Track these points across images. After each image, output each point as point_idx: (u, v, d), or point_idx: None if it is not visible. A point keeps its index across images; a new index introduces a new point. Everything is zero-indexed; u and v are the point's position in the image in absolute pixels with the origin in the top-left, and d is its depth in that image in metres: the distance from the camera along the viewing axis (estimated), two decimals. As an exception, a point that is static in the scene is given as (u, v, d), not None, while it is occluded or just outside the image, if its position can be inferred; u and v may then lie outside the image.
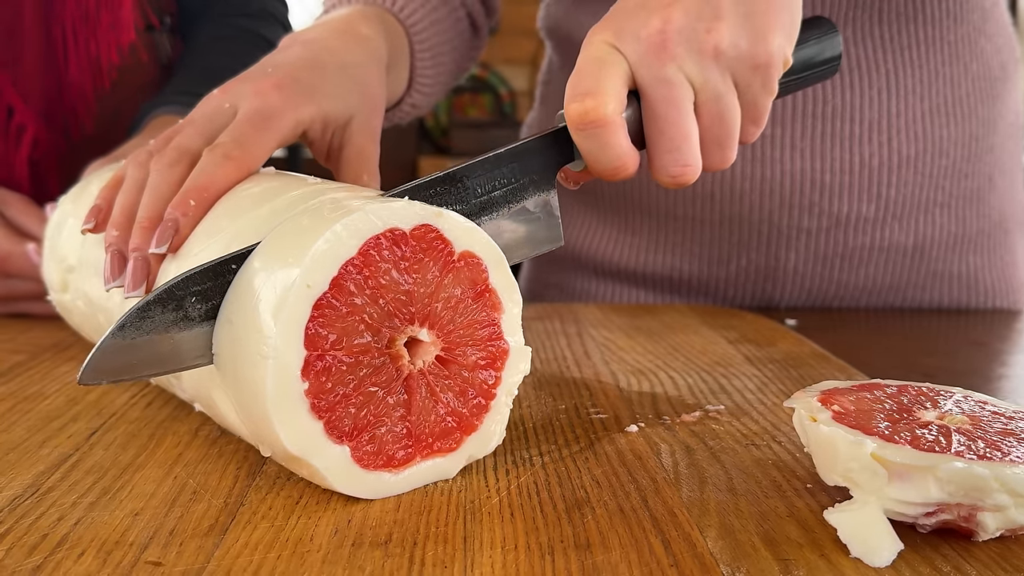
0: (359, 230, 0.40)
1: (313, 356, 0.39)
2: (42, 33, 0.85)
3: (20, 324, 0.75)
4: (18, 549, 0.37)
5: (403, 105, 0.77)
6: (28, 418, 0.52)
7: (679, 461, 0.46)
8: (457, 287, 0.43)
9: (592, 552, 0.36)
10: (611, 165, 0.51)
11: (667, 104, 0.50)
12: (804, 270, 0.87)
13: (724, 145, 0.53)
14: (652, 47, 0.50)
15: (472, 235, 0.43)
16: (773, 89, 0.53)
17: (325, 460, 0.40)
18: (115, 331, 0.40)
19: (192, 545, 0.37)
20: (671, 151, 0.51)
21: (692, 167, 0.52)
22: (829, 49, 0.59)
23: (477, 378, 0.44)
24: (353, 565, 0.35)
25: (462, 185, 0.49)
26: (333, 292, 0.39)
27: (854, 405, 0.41)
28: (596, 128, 0.49)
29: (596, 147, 0.50)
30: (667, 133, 0.51)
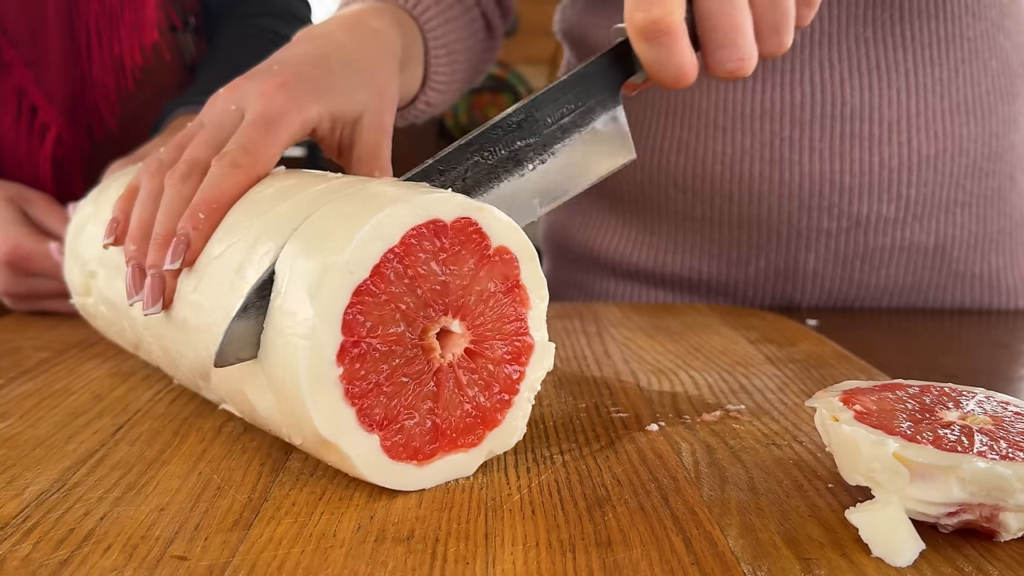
0: (402, 219, 0.40)
1: (349, 342, 0.40)
2: (66, 33, 0.86)
3: (45, 322, 0.76)
4: (45, 543, 0.37)
5: (417, 103, 0.77)
6: (54, 414, 0.53)
7: (700, 460, 0.46)
8: (490, 281, 0.43)
9: (613, 550, 0.37)
10: (675, 72, 0.51)
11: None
12: (824, 271, 0.87)
13: (780, 30, 0.53)
14: None
15: (509, 230, 0.44)
16: None
17: (356, 447, 0.40)
18: (241, 312, 0.41)
19: (217, 540, 0.37)
20: (726, 45, 0.51)
21: (748, 59, 0.52)
22: None
23: (502, 372, 0.44)
24: (376, 560, 0.36)
25: (532, 119, 0.49)
26: (373, 279, 0.40)
27: (876, 405, 0.41)
28: (664, 36, 0.49)
29: (663, 55, 0.50)
30: (721, 27, 0.51)
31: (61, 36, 0.86)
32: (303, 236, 0.42)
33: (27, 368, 0.62)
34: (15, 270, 0.77)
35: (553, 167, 0.51)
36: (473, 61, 0.83)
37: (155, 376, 0.60)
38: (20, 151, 0.89)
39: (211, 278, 0.45)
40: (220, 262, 0.45)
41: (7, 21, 0.84)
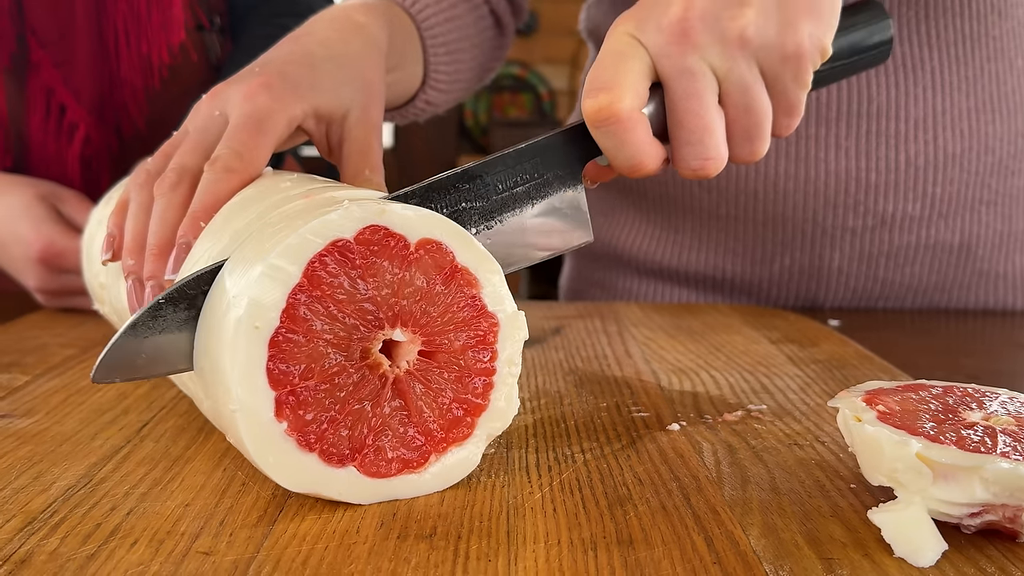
0: (298, 254, 0.39)
1: (283, 394, 0.38)
2: (94, 33, 0.87)
3: (70, 319, 0.77)
4: (72, 538, 0.38)
5: (417, 102, 0.76)
6: (80, 411, 0.53)
7: (721, 460, 0.46)
8: (421, 277, 0.41)
9: (635, 548, 0.37)
10: (629, 162, 0.49)
11: (688, 96, 0.49)
12: (849, 269, 0.86)
13: (753, 137, 0.51)
14: (673, 36, 0.48)
15: (424, 221, 0.41)
16: (805, 82, 0.50)
17: (335, 486, 0.40)
18: (127, 330, 0.40)
19: (242, 535, 0.38)
20: (692, 144, 0.49)
21: (713, 160, 0.50)
22: (878, 33, 0.56)
23: (471, 359, 0.43)
24: (399, 557, 0.36)
25: (481, 181, 0.48)
26: (287, 325, 0.38)
27: (899, 405, 0.41)
28: (612, 124, 0.48)
29: (614, 143, 0.49)
30: (687, 125, 0.49)
31: (89, 36, 0.87)
32: (215, 289, 0.41)
33: (53, 365, 0.63)
34: (48, 267, 0.78)
35: (498, 235, 0.49)
36: (481, 59, 0.82)
37: (179, 373, 0.60)
38: (48, 150, 0.90)
39: None
40: (201, 263, 0.45)
41: (36, 21, 0.85)
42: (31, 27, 0.85)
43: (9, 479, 0.44)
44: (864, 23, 0.55)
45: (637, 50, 0.49)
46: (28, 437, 0.49)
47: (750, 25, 0.48)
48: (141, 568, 0.35)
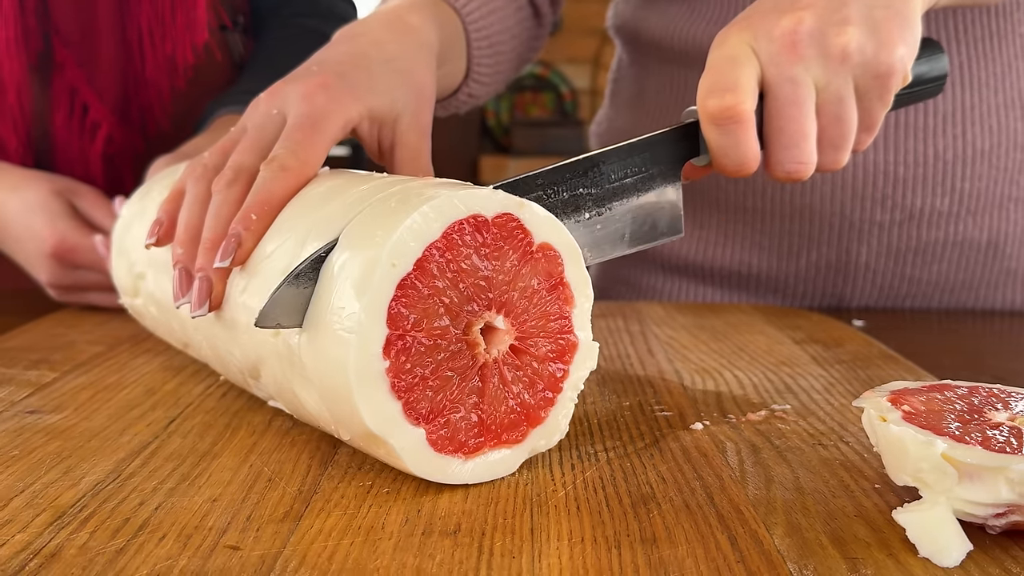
0: (444, 213, 0.41)
1: (394, 335, 0.40)
2: (117, 33, 0.88)
3: (97, 317, 0.78)
4: (102, 532, 0.38)
5: (460, 95, 0.77)
6: (108, 407, 0.54)
7: (745, 459, 0.46)
8: (534, 278, 0.44)
9: (658, 546, 0.37)
10: (739, 161, 0.53)
11: (791, 103, 0.52)
12: (876, 265, 0.86)
13: (839, 147, 0.55)
14: (784, 47, 0.52)
15: (552, 227, 0.44)
16: (888, 101, 0.55)
17: (402, 440, 0.41)
18: (290, 280, 0.42)
19: (268, 531, 0.38)
20: (789, 147, 0.53)
21: (807, 164, 0.54)
22: (937, 68, 0.61)
23: (546, 370, 0.45)
24: (424, 553, 0.36)
25: (598, 170, 0.51)
26: (416, 273, 0.40)
27: (924, 405, 0.41)
28: (733, 124, 0.51)
29: (729, 143, 0.52)
30: (787, 130, 0.53)
31: (112, 36, 0.88)
32: (349, 234, 0.42)
33: (81, 362, 0.64)
34: (61, 262, 0.79)
35: (606, 222, 0.52)
36: (519, 50, 0.83)
37: (205, 371, 0.61)
38: (72, 149, 0.91)
39: (261, 279, 0.46)
40: (270, 262, 0.46)
41: (60, 21, 0.86)
42: (56, 27, 0.86)
43: (39, 474, 0.44)
44: (927, 58, 0.60)
45: (751, 56, 0.53)
46: (57, 433, 0.50)
47: (852, 42, 0.52)
48: (169, 562, 0.35)
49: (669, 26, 0.89)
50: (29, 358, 0.64)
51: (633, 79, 0.96)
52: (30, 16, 0.84)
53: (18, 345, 0.68)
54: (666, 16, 0.89)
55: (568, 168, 0.50)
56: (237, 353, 0.49)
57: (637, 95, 0.95)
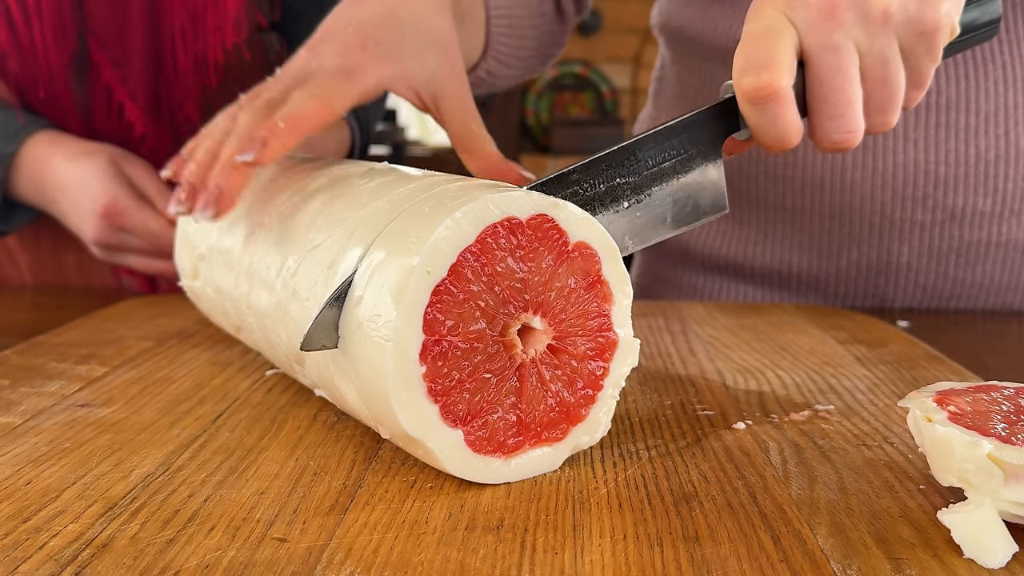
0: (477, 218, 0.41)
1: (431, 341, 0.40)
2: (149, 33, 0.90)
3: (146, 312, 0.79)
4: (152, 523, 0.39)
5: (478, 70, 0.78)
6: (158, 401, 0.55)
7: (788, 459, 0.46)
8: (570, 277, 0.44)
9: (701, 545, 0.37)
10: (779, 137, 0.51)
11: (833, 71, 0.51)
12: (918, 265, 0.85)
13: (887, 109, 0.53)
14: (821, 13, 0.50)
15: (587, 226, 0.44)
16: (937, 56, 0.53)
17: (440, 442, 0.41)
18: (331, 302, 0.43)
19: (315, 523, 0.39)
20: (835, 117, 0.52)
21: (855, 133, 0.52)
22: (989, 12, 0.58)
23: (586, 368, 0.45)
24: (467, 548, 0.37)
25: (634, 158, 0.50)
26: (451, 279, 0.41)
27: (970, 406, 0.41)
28: (771, 102, 0.50)
29: (767, 120, 0.51)
30: (831, 100, 0.51)
31: (144, 37, 0.90)
32: (386, 238, 0.43)
33: (130, 357, 0.65)
34: (109, 222, 0.85)
35: (647, 208, 0.52)
36: (541, 40, 0.84)
37: (252, 366, 0.62)
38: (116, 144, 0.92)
39: (309, 267, 0.47)
40: (318, 252, 0.47)
41: (95, 21, 0.88)
42: (91, 27, 0.88)
43: (90, 466, 0.45)
44: (978, 2, 0.57)
45: (787, 27, 0.51)
46: (108, 426, 0.51)
47: (893, 3, 0.50)
48: (219, 553, 0.36)
49: (711, 24, 0.89)
50: (79, 353, 0.66)
51: (676, 78, 0.96)
52: (65, 16, 0.86)
53: (69, 340, 0.69)
54: (708, 14, 0.89)
55: (604, 160, 0.50)
56: (284, 337, 0.50)
57: (680, 94, 0.94)
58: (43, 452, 0.47)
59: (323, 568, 0.35)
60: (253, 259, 0.53)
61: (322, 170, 0.56)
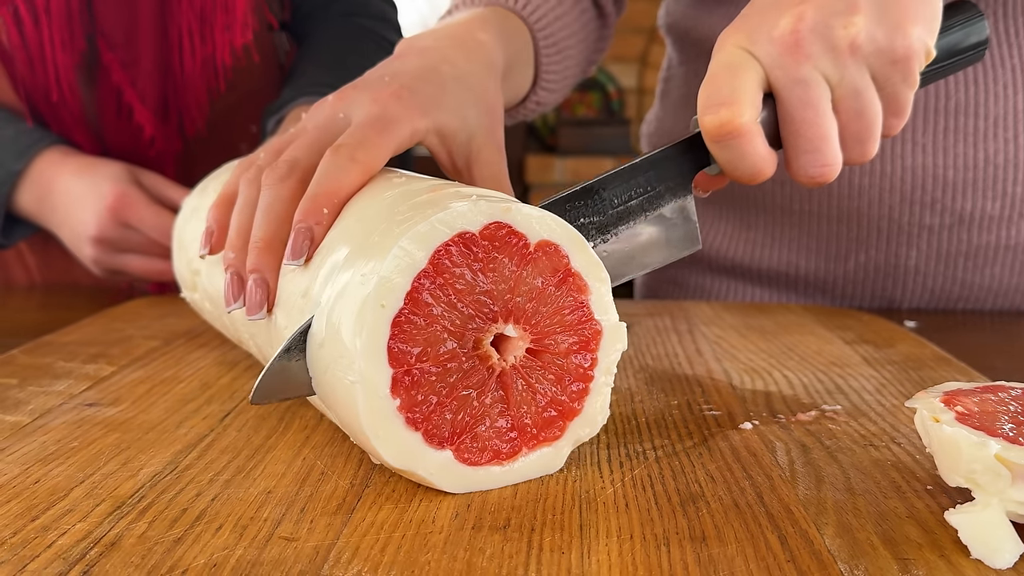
0: (427, 241, 0.40)
1: (400, 372, 0.40)
2: (158, 35, 0.90)
3: (154, 311, 0.79)
4: (160, 522, 0.39)
5: (528, 103, 0.76)
6: (165, 400, 0.55)
7: (795, 459, 0.46)
8: (537, 277, 0.43)
9: (708, 545, 0.37)
10: (749, 172, 0.51)
11: (803, 105, 0.50)
12: (926, 269, 0.85)
13: (864, 140, 0.52)
14: (786, 47, 0.49)
15: (544, 223, 0.43)
16: (914, 82, 0.51)
17: (429, 467, 0.41)
18: (281, 355, 0.42)
19: (322, 522, 0.39)
20: (810, 152, 0.51)
21: (832, 167, 0.51)
22: (975, 34, 0.57)
23: (572, 363, 0.44)
24: (474, 547, 0.37)
25: (599, 197, 0.49)
26: (409, 307, 0.40)
27: (978, 407, 0.41)
28: (733, 139, 0.49)
29: (734, 156, 0.50)
30: (805, 134, 0.50)
31: (153, 39, 0.89)
32: (347, 265, 0.42)
33: (138, 356, 0.65)
34: (115, 217, 0.84)
35: (613, 248, 0.51)
36: (586, 53, 0.82)
37: (258, 366, 0.62)
38: (121, 150, 0.93)
39: (287, 295, 0.46)
40: (296, 276, 0.46)
41: (104, 23, 0.88)
42: (100, 29, 0.88)
43: (98, 465, 0.45)
44: (961, 24, 0.56)
45: (750, 62, 0.50)
46: (115, 425, 0.51)
47: (861, 32, 0.49)
48: (226, 552, 0.36)
49: (716, 27, 0.88)
50: (87, 352, 0.66)
51: (683, 79, 0.96)
52: (74, 17, 0.86)
53: (77, 339, 0.70)
54: (714, 16, 0.89)
55: (567, 199, 0.49)
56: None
57: (687, 95, 0.94)
58: (51, 451, 0.47)
59: (330, 567, 0.35)
60: None
61: None
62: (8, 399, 0.55)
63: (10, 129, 0.87)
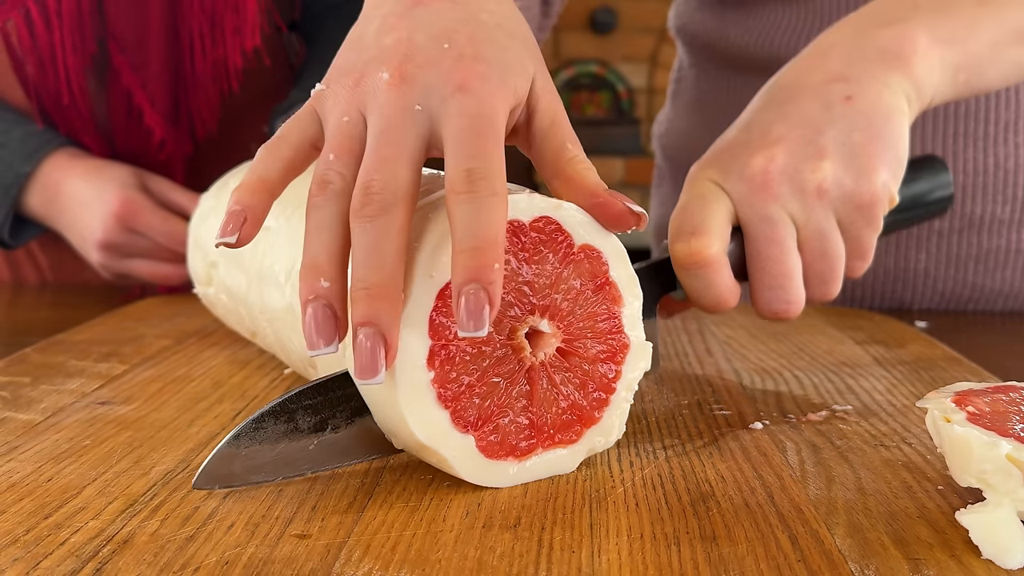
0: None
1: (438, 345, 0.40)
2: (169, 38, 0.90)
3: (165, 311, 0.79)
4: (172, 520, 0.39)
5: None
6: (177, 399, 0.55)
7: (805, 459, 0.46)
8: (577, 279, 0.43)
9: (718, 544, 0.37)
10: (713, 301, 0.53)
11: (769, 242, 0.52)
12: (936, 272, 0.85)
13: (827, 280, 0.54)
14: (755, 186, 0.52)
15: (591, 228, 0.44)
16: (878, 226, 0.54)
17: (452, 449, 0.41)
18: (230, 440, 0.41)
19: (333, 521, 0.39)
20: (773, 288, 0.53)
21: (794, 304, 0.53)
22: (940, 189, 0.60)
23: (597, 371, 0.44)
24: (484, 546, 0.37)
25: None
26: None
27: (989, 407, 0.40)
28: (701, 268, 0.51)
29: (702, 285, 0.52)
30: (769, 271, 0.52)
31: (164, 41, 0.90)
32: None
33: (149, 355, 0.65)
34: (122, 223, 0.84)
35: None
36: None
37: (270, 365, 0.62)
38: (132, 152, 0.93)
39: None
40: None
41: (115, 26, 0.88)
42: (111, 32, 0.88)
43: (111, 463, 0.45)
44: (927, 177, 0.60)
45: (720, 196, 0.52)
46: (128, 423, 0.51)
47: (828, 177, 0.52)
48: (238, 550, 0.36)
49: (725, 31, 0.89)
50: (100, 351, 0.66)
51: (693, 81, 0.96)
52: (85, 20, 0.86)
53: (89, 338, 0.70)
54: (723, 21, 0.89)
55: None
56: (296, 340, 0.50)
57: (697, 98, 0.94)
58: (64, 449, 0.47)
59: (341, 565, 0.35)
60: (263, 262, 0.53)
61: None
62: (21, 397, 0.56)
63: (19, 131, 0.87)
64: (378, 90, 0.43)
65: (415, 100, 0.42)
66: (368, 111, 0.43)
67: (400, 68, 0.43)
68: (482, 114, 0.42)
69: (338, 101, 0.44)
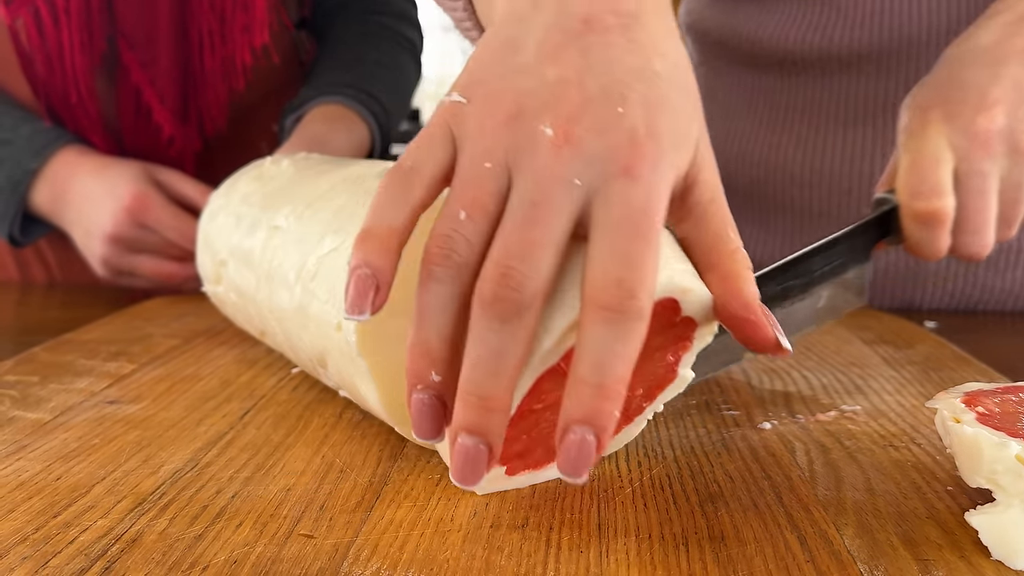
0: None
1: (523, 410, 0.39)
2: (178, 35, 0.90)
3: (173, 310, 0.79)
4: (181, 519, 0.39)
5: None
6: (185, 398, 0.55)
7: (814, 460, 0.46)
8: (663, 341, 0.41)
9: (727, 544, 0.37)
10: (935, 251, 0.60)
11: (979, 194, 0.59)
12: (946, 273, 0.84)
13: (1012, 224, 0.62)
14: (978, 144, 0.58)
15: (702, 307, 0.40)
16: None
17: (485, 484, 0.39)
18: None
19: (341, 520, 0.39)
20: (975, 232, 0.60)
21: (989, 246, 0.61)
22: None
23: (634, 397, 0.43)
24: (492, 546, 0.37)
25: (804, 264, 0.55)
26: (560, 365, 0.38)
27: (999, 407, 0.40)
28: (938, 224, 0.58)
29: (930, 237, 0.59)
30: (974, 218, 0.59)
31: (173, 38, 0.90)
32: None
33: (158, 354, 0.65)
34: (132, 218, 0.85)
35: (805, 305, 0.57)
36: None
37: (278, 364, 0.62)
38: (141, 150, 0.93)
39: (328, 270, 0.47)
40: (336, 255, 0.47)
41: (124, 23, 0.88)
42: (121, 29, 0.88)
43: (119, 462, 0.46)
44: None
45: (947, 155, 0.59)
46: (136, 422, 0.51)
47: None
48: (246, 549, 0.36)
49: (738, 27, 0.88)
50: (108, 350, 0.66)
51: (704, 78, 0.95)
52: (95, 17, 0.86)
53: (97, 338, 0.70)
54: (735, 17, 0.89)
55: (783, 266, 0.54)
56: (306, 339, 0.50)
57: (708, 94, 0.94)
58: (72, 448, 0.47)
59: (349, 564, 0.35)
60: (272, 261, 0.53)
61: (338, 171, 0.56)
62: (30, 396, 0.56)
63: (27, 127, 0.88)
64: (537, 145, 0.36)
65: (576, 172, 0.35)
66: (518, 167, 0.36)
67: (567, 127, 0.36)
68: (647, 209, 0.35)
69: (483, 134, 0.37)
